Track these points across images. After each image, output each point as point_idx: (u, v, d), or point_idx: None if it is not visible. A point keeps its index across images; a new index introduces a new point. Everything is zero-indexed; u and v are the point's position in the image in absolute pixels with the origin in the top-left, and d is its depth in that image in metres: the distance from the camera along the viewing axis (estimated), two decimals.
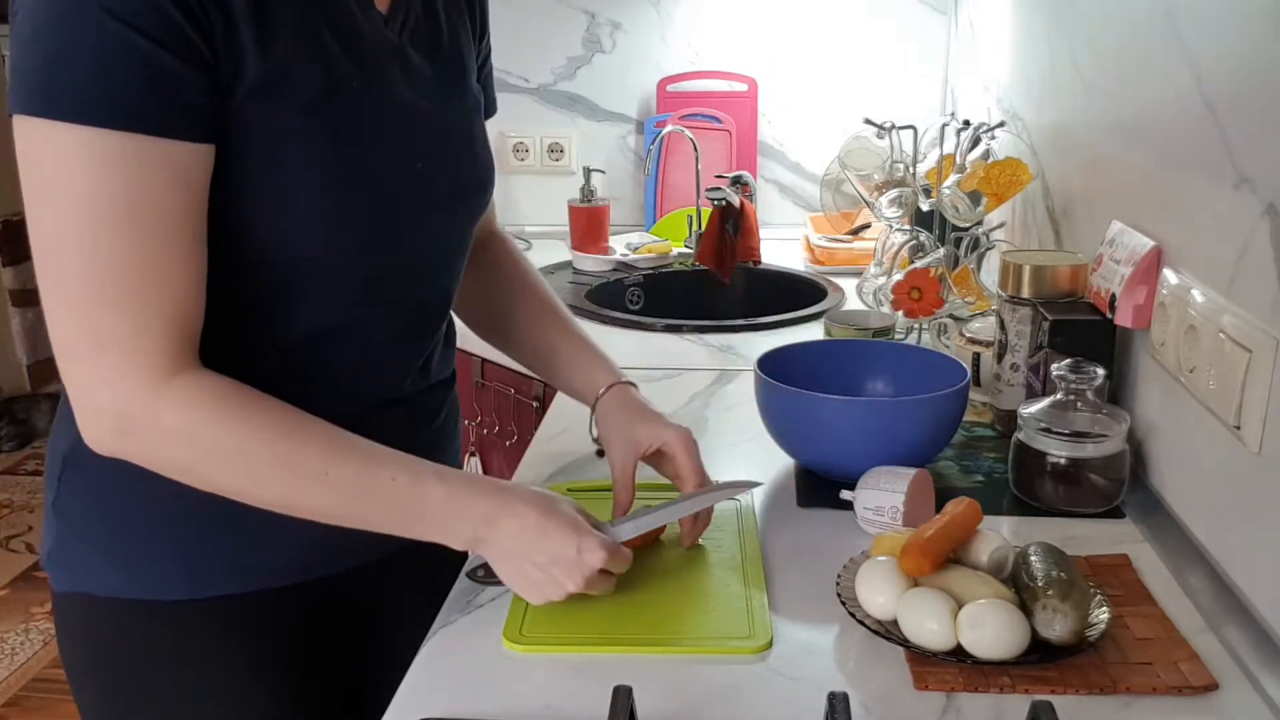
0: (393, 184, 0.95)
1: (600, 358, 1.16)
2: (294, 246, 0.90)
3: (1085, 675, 0.88)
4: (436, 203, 1.00)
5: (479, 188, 1.07)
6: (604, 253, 2.29)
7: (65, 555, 1.00)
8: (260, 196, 0.87)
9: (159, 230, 0.81)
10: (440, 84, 1.00)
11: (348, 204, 0.91)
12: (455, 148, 1.02)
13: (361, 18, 0.93)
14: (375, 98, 0.93)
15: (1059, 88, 1.59)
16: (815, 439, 1.22)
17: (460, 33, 1.05)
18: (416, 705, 0.86)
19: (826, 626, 0.97)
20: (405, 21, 0.97)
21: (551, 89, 2.54)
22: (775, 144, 2.56)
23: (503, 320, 1.21)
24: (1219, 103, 1.03)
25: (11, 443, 4.05)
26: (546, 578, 0.93)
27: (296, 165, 0.88)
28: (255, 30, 0.84)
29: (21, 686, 2.71)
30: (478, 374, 1.94)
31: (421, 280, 1.03)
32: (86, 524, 0.98)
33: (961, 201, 1.65)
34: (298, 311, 0.93)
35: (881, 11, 2.46)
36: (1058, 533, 1.11)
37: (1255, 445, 0.94)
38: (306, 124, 0.87)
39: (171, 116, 0.80)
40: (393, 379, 1.04)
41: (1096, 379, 1.15)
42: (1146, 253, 1.16)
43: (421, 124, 0.97)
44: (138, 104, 0.79)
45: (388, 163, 0.94)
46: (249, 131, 0.85)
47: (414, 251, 0.99)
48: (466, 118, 1.05)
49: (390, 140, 0.94)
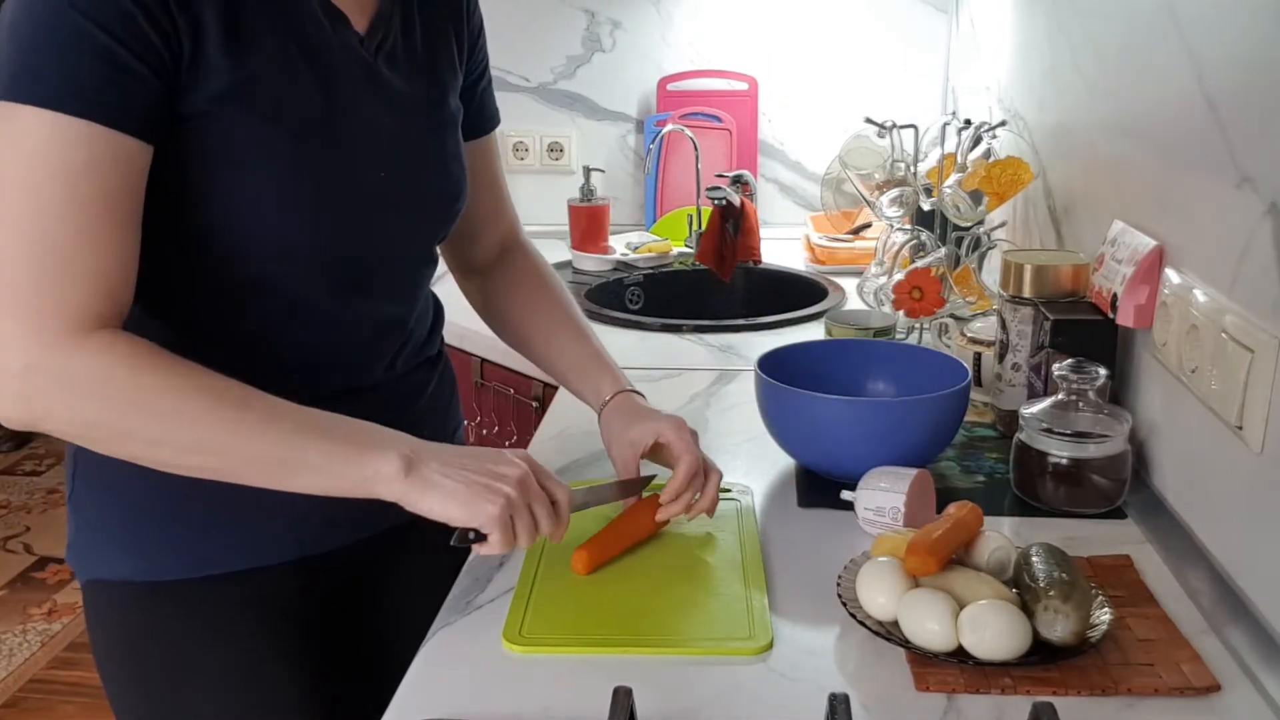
0: (357, 188, 1.00)
1: (607, 367, 1.20)
2: (258, 239, 0.94)
3: (1087, 676, 0.88)
4: (399, 208, 1.04)
5: (445, 198, 1.11)
6: (604, 252, 2.28)
7: (84, 546, 1.05)
8: (226, 195, 0.92)
9: (95, 208, 0.85)
10: (412, 101, 1.06)
11: (306, 203, 0.96)
12: (421, 160, 1.07)
13: (333, 35, 0.98)
14: (339, 109, 0.98)
15: (1060, 87, 1.59)
16: (815, 439, 1.22)
17: (440, 56, 1.10)
18: (416, 705, 0.86)
19: (827, 627, 0.97)
20: (382, 42, 1.03)
21: (551, 88, 2.54)
22: (776, 143, 2.56)
23: (521, 329, 1.27)
24: (1221, 102, 1.03)
25: (9, 443, 4.05)
26: (486, 481, 0.92)
27: (259, 166, 0.93)
28: (224, 40, 0.89)
29: (20, 687, 2.70)
30: (478, 374, 1.94)
31: (384, 274, 1.07)
32: (101, 515, 1.03)
33: (963, 201, 1.65)
34: (266, 301, 0.98)
35: (882, 10, 2.45)
36: (1059, 533, 1.11)
37: (1257, 445, 0.94)
38: (269, 130, 0.93)
39: (123, 111, 0.85)
40: (369, 363, 1.08)
41: (1098, 379, 1.15)
42: (1148, 252, 1.16)
43: (389, 136, 1.02)
44: (94, 94, 0.83)
45: (352, 168, 0.99)
46: (216, 133, 0.91)
47: (376, 248, 1.04)
48: (439, 132, 1.10)
49: (354, 149, 0.99)
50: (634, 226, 2.56)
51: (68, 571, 3.23)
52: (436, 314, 1.20)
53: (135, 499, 1.01)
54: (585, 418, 1.21)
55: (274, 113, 0.93)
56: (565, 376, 1.22)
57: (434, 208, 1.10)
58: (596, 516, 1.10)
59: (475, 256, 1.27)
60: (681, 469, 1.08)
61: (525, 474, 0.95)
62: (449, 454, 0.94)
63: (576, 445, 1.36)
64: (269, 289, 0.98)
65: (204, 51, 0.88)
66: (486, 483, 0.92)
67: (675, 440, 1.09)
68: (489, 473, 0.93)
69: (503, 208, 1.27)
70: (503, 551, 0.94)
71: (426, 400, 1.17)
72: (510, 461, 0.95)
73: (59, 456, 4.00)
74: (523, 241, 1.30)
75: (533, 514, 0.94)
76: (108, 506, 1.02)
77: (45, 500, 3.69)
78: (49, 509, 3.62)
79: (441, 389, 1.20)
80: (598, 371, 1.19)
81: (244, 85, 0.91)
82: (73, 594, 3.11)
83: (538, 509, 0.95)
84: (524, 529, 0.94)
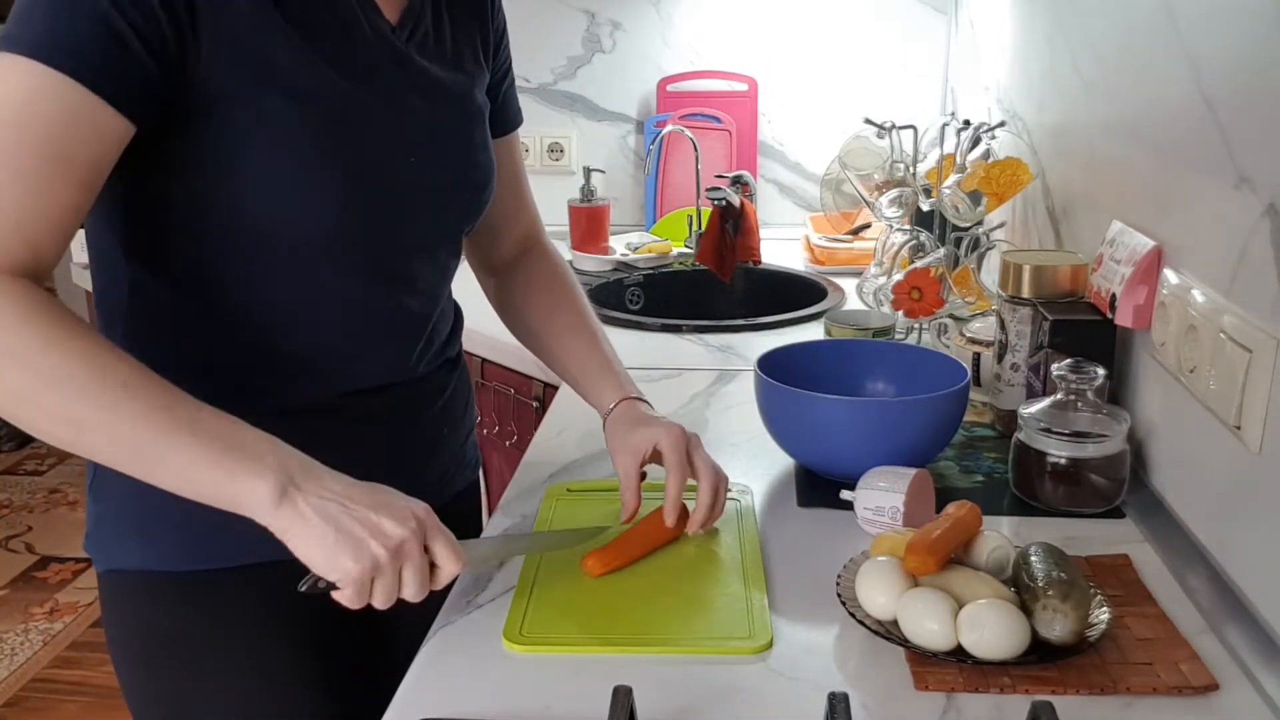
0: (386, 173, 1.00)
1: (614, 374, 1.20)
2: (286, 220, 0.95)
3: (1085, 675, 0.88)
4: (428, 195, 1.05)
5: (472, 187, 1.12)
6: (604, 253, 2.29)
7: (104, 536, 1.05)
8: (257, 175, 0.92)
9: (47, 158, 0.82)
10: (442, 90, 1.06)
11: (336, 186, 0.95)
12: (451, 148, 1.07)
13: (365, 24, 0.99)
14: (369, 95, 0.98)
15: (1059, 87, 1.59)
16: (815, 439, 1.22)
17: (468, 48, 1.11)
18: (416, 705, 0.86)
19: (826, 627, 0.97)
20: (414, 32, 1.04)
21: (551, 89, 2.54)
22: (775, 144, 2.56)
23: (534, 331, 1.27)
24: (1219, 102, 1.03)
25: (10, 443, 4.05)
26: (361, 535, 0.84)
27: (288, 148, 0.93)
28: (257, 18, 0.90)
29: (21, 687, 2.71)
30: (478, 374, 1.94)
31: (413, 264, 1.08)
32: (122, 505, 1.03)
33: (962, 201, 1.65)
34: (293, 288, 0.99)
35: (882, 11, 2.45)
36: (1058, 533, 1.11)
37: (1256, 445, 0.94)
38: (300, 110, 0.93)
39: (111, 81, 0.84)
40: (391, 360, 1.08)
41: (1097, 379, 1.15)
42: (1147, 253, 1.16)
43: (420, 123, 1.03)
44: (85, 56, 0.83)
45: (381, 154, 1.00)
46: (246, 114, 0.90)
47: (405, 236, 1.04)
48: (468, 122, 1.10)
49: (383, 135, 1.00)
50: (634, 227, 2.56)
51: (70, 571, 3.23)
52: (457, 316, 1.21)
53: (157, 489, 0.98)
54: (585, 418, 1.21)
55: (304, 95, 0.93)
56: (574, 381, 1.23)
57: (462, 196, 1.11)
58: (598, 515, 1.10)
59: (496, 254, 1.29)
60: (670, 484, 1.08)
61: (406, 538, 0.85)
62: (340, 487, 0.86)
63: (576, 445, 1.36)
64: (298, 275, 0.98)
65: (233, 31, 0.89)
66: (361, 536, 0.84)
67: (668, 452, 1.09)
68: (369, 525, 0.84)
69: (524, 206, 1.29)
70: (355, 608, 0.86)
71: (445, 401, 1.17)
72: (401, 516, 0.86)
73: (61, 456, 4.00)
74: (543, 242, 1.31)
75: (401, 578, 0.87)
76: (128, 497, 1.02)
77: (47, 500, 3.69)
78: (51, 508, 3.63)
79: (459, 391, 1.21)
80: (604, 379, 1.20)
81: (275, 67, 0.91)
82: (74, 593, 3.11)
83: (408, 574, 0.86)
84: (382, 592, 0.86)
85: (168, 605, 1.04)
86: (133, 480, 1.00)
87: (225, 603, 1.04)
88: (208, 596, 1.03)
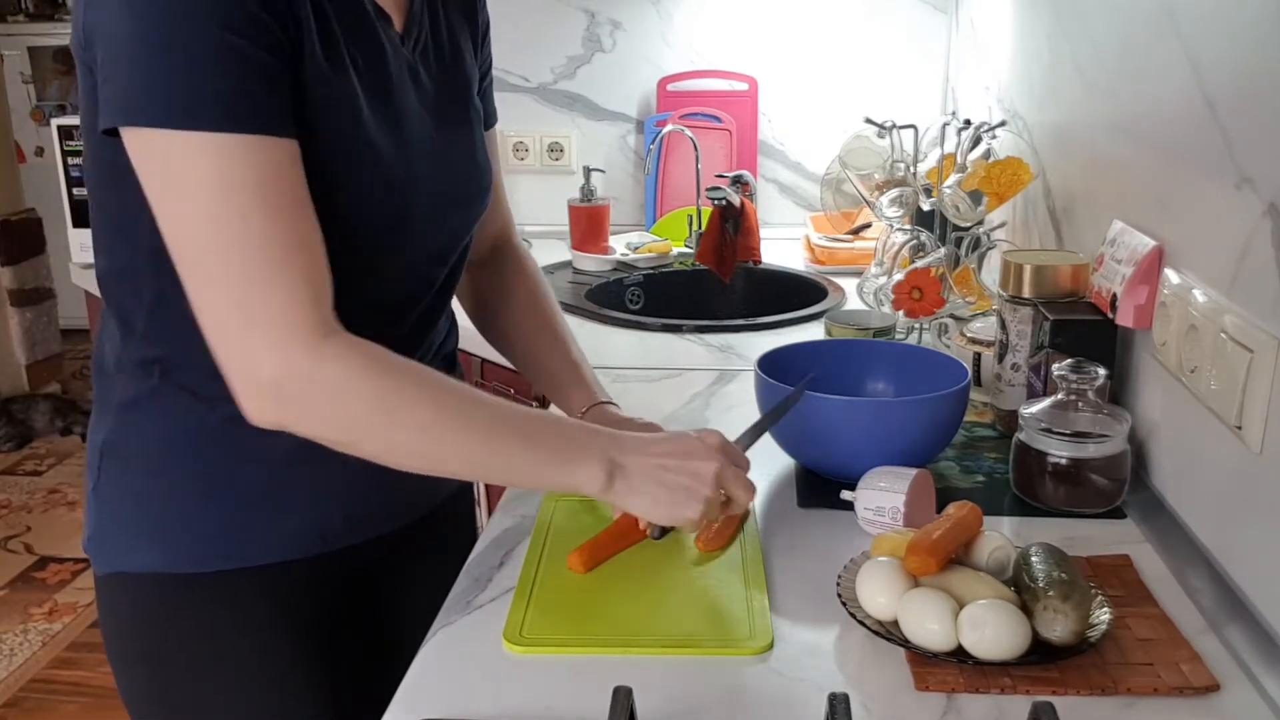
0: (414, 184, 1.02)
1: (582, 379, 1.21)
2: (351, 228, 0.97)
3: (1086, 676, 0.88)
4: (444, 202, 1.06)
5: (473, 195, 1.13)
6: (604, 252, 2.28)
7: (106, 539, 1.05)
8: None
9: (290, 211, 0.88)
10: (444, 97, 1.07)
11: (377, 197, 0.98)
12: (457, 154, 1.08)
13: (382, 36, 1.00)
14: (394, 107, 1.00)
15: (1060, 87, 1.59)
16: (815, 439, 1.22)
17: (464, 51, 1.12)
18: (416, 705, 0.86)
19: (827, 627, 0.97)
20: (417, 40, 1.04)
21: (551, 88, 2.54)
22: (776, 143, 2.56)
23: (503, 332, 1.28)
24: (1220, 102, 1.03)
25: (10, 443, 4.05)
26: (687, 484, 0.95)
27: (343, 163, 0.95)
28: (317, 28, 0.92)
29: (20, 687, 2.70)
30: (478, 374, 1.94)
31: (415, 271, 1.08)
32: (126, 507, 1.03)
33: (962, 201, 1.65)
34: None
35: (882, 10, 2.45)
36: (1059, 533, 1.11)
37: (1257, 445, 0.94)
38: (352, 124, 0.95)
39: (277, 114, 0.88)
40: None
41: (1098, 379, 1.15)
42: (1148, 252, 1.16)
43: (431, 132, 1.05)
44: (252, 107, 0.86)
45: (411, 164, 1.01)
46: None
47: (428, 244, 1.06)
48: (470, 128, 1.11)
49: (408, 145, 1.02)
50: (634, 227, 2.56)
51: (69, 571, 3.23)
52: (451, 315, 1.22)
53: (161, 491, 1.01)
54: None
55: (353, 109, 0.95)
56: (544, 385, 1.24)
57: (471, 201, 1.12)
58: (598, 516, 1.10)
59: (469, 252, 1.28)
60: None
61: (720, 469, 0.96)
62: (650, 451, 0.97)
63: None
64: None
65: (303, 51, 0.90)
66: (687, 485, 0.95)
67: None
68: (688, 472, 0.96)
69: (499, 206, 1.28)
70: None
71: None
72: (707, 454, 0.97)
73: (60, 456, 4.00)
74: (514, 242, 1.31)
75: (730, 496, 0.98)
76: (133, 499, 1.03)
77: (46, 500, 3.69)
78: (50, 509, 3.62)
79: None
80: (573, 384, 1.21)
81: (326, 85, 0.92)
82: (73, 594, 3.11)
83: (735, 492, 0.98)
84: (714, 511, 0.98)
85: (173, 607, 1.04)
86: (139, 483, 1.02)
87: (231, 604, 1.04)
88: (214, 598, 1.03)
